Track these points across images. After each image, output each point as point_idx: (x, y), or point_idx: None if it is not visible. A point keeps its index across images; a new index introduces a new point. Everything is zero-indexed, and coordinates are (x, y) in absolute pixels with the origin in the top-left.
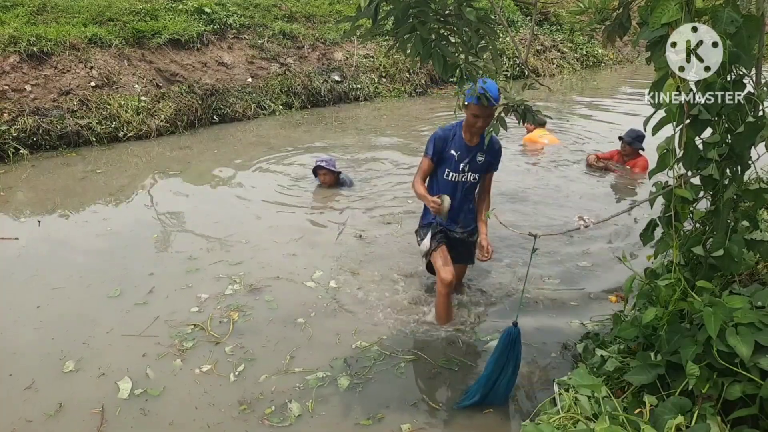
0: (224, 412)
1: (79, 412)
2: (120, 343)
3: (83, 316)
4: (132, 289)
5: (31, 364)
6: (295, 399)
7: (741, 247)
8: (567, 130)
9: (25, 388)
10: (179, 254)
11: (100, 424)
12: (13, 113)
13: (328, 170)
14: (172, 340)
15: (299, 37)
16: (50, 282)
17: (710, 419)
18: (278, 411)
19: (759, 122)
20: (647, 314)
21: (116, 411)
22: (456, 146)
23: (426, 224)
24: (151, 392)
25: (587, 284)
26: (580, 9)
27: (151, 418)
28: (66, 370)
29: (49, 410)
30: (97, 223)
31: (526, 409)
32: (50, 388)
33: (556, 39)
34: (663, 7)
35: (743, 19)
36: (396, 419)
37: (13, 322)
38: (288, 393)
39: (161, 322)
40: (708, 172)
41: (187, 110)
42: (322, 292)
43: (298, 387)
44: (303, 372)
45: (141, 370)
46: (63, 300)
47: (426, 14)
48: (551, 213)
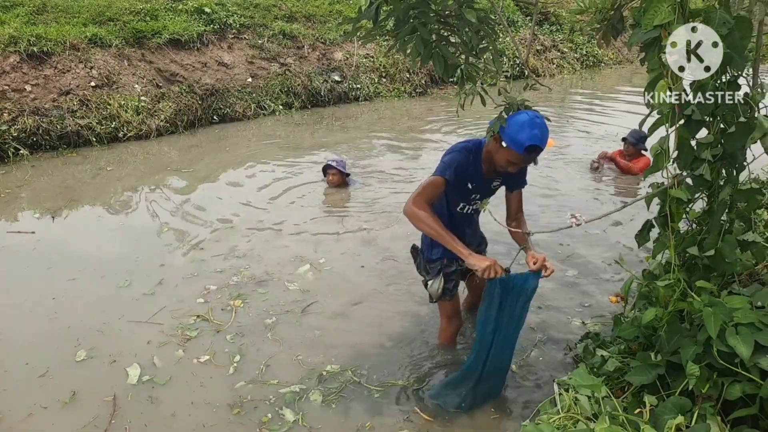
0: (228, 395)
1: (92, 399)
2: (130, 331)
3: (96, 306)
4: (142, 280)
5: (47, 353)
6: (297, 393)
7: (733, 248)
8: (567, 130)
9: (40, 375)
10: (187, 247)
11: (113, 411)
12: (13, 113)
13: (338, 170)
14: (175, 330)
15: (299, 37)
16: (65, 274)
17: (710, 419)
18: (281, 406)
19: (750, 123)
20: (647, 314)
21: (128, 396)
22: (472, 179)
23: (435, 260)
24: (158, 381)
25: (587, 284)
26: (580, 9)
27: (158, 405)
28: (78, 359)
29: (64, 397)
30: (110, 218)
31: (526, 409)
32: (64, 375)
33: (556, 39)
34: (655, 9)
35: (735, 20)
36: (396, 418)
37: (29, 312)
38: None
39: (168, 311)
40: (700, 173)
41: (187, 110)
42: (321, 289)
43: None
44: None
45: (149, 357)
46: (77, 291)
47: (426, 15)
48: (549, 212)
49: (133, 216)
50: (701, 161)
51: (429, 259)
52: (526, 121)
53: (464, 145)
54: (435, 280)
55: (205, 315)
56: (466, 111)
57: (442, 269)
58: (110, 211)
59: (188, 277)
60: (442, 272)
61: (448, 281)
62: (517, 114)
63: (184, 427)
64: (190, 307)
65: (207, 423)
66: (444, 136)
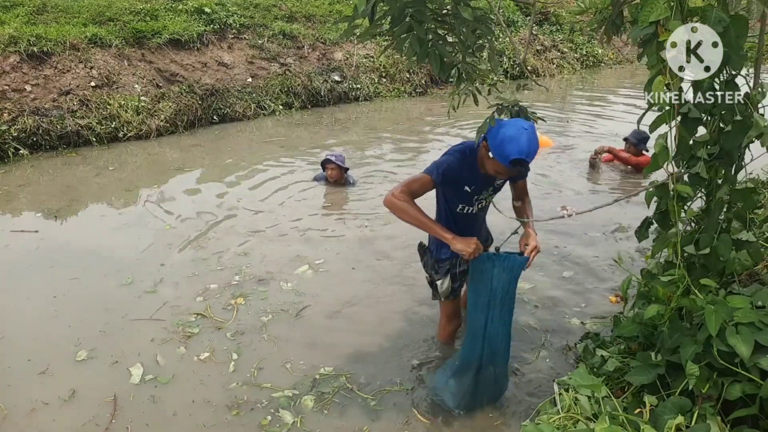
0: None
1: (93, 397)
2: (131, 329)
3: (98, 304)
4: (144, 278)
5: (48, 350)
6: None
7: (728, 247)
8: (567, 130)
9: (40, 372)
10: (188, 245)
11: (114, 411)
12: (13, 113)
13: (337, 165)
14: (176, 328)
15: (299, 37)
16: (67, 273)
17: (710, 419)
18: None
19: (747, 122)
20: (649, 310)
21: (129, 395)
22: (468, 181)
23: (444, 259)
24: (161, 379)
25: (587, 284)
26: (580, 9)
27: (160, 405)
28: (79, 358)
29: (65, 395)
30: (112, 218)
31: (526, 409)
32: (65, 373)
33: (556, 39)
34: (651, 6)
35: (731, 19)
36: (397, 418)
37: (32, 309)
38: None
39: (169, 309)
40: (696, 171)
41: (187, 110)
42: (321, 288)
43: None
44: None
45: (151, 355)
46: (79, 289)
47: (423, 13)
48: (546, 209)
49: (134, 215)
50: (698, 159)
51: (438, 259)
52: (513, 135)
53: (460, 148)
54: (444, 280)
55: (205, 313)
56: (466, 111)
57: (450, 270)
58: (111, 211)
59: (189, 275)
60: (449, 272)
61: (455, 281)
62: (506, 125)
63: (185, 428)
64: (191, 305)
65: (207, 423)
66: (444, 136)
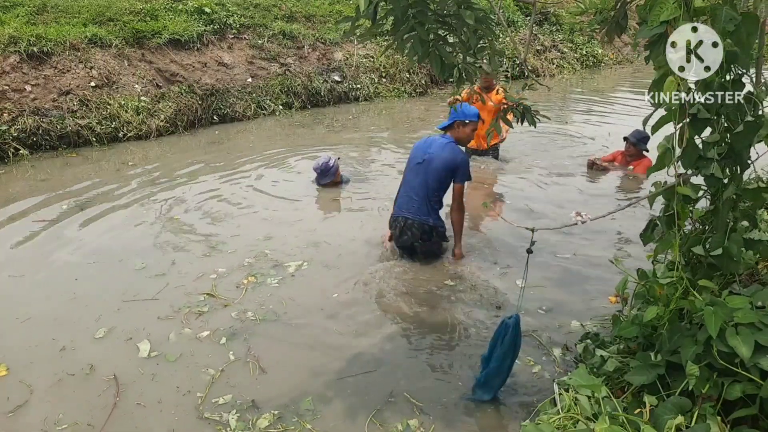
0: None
1: (107, 372)
2: (144, 309)
3: (113, 287)
4: (157, 263)
5: (69, 328)
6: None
7: (740, 247)
8: (568, 129)
9: (60, 349)
10: (197, 235)
11: (117, 390)
12: (13, 113)
13: (330, 181)
14: (185, 308)
15: (299, 37)
16: (84, 259)
17: (710, 419)
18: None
19: (758, 121)
20: (649, 312)
21: (139, 370)
22: None
23: (444, 230)
24: (169, 357)
25: (587, 284)
26: (580, 9)
27: (163, 382)
28: (98, 335)
29: (85, 369)
30: (131, 209)
31: (526, 409)
32: (84, 349)
33: (556, 39)
34: (662, 5)
35: (742, 16)
36: (397, 418)
37: (53, 292)
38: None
39: (179, 290)
40: (710, 171)
41: (187, 110)
42: (320, 289)
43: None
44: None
45: (163, 333)
46: (97, 273)
47: (425, 14)
48: (550, 212)
49: (145, 208)
50: (707, 160)
51: (445, 234)
52: (465, 105)
53: (452, 144)
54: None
55: (213, 292)
56: None
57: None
58: (125, 205)
59: (199, 258)
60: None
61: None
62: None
63: (190, 401)
64: (201, 286)
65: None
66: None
